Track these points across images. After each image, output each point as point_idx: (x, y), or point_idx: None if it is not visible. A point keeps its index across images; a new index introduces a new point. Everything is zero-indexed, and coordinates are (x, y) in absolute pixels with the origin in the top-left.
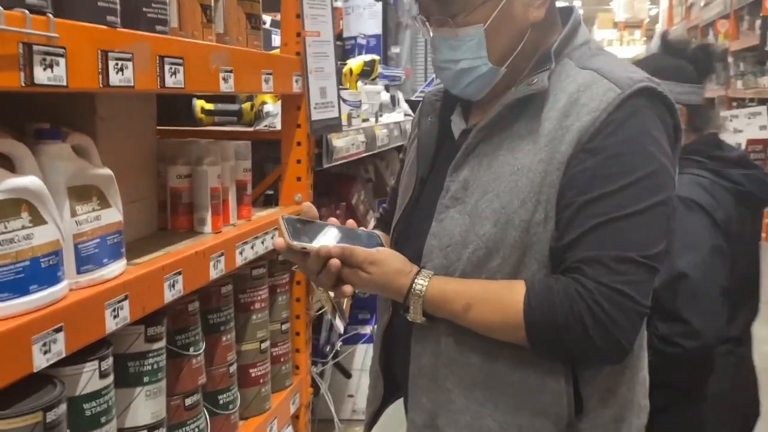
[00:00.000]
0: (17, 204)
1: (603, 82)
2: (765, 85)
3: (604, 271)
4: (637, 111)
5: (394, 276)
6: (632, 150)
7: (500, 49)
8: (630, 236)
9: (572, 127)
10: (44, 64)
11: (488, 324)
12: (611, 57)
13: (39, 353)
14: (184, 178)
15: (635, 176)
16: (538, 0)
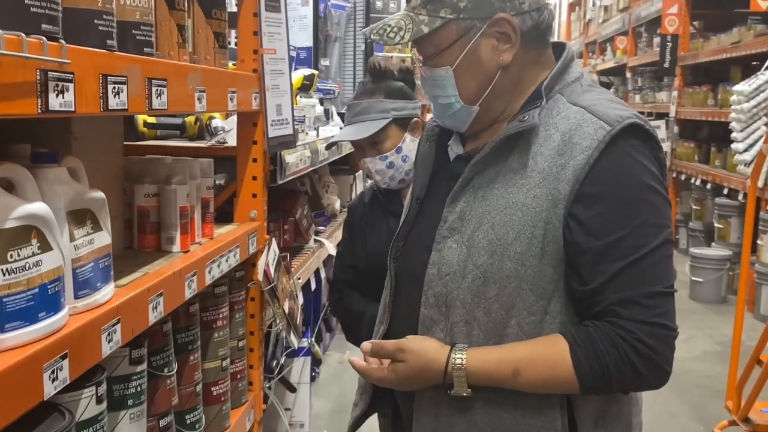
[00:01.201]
0: (28, 231)
1: (593, 120)
2: (662, 99)
3: (639, 309)
4: (630, 150)
5: (430, 355)
6: (637, 192)
7: (470, 89)
8: (652, 273)
9: (567, 166)
10: (56, 90)
11: (540, 386)
12: (601, 93)
13: (48, 381)
14: (152, 197)
15: (644, 216)
16: (505, 45)
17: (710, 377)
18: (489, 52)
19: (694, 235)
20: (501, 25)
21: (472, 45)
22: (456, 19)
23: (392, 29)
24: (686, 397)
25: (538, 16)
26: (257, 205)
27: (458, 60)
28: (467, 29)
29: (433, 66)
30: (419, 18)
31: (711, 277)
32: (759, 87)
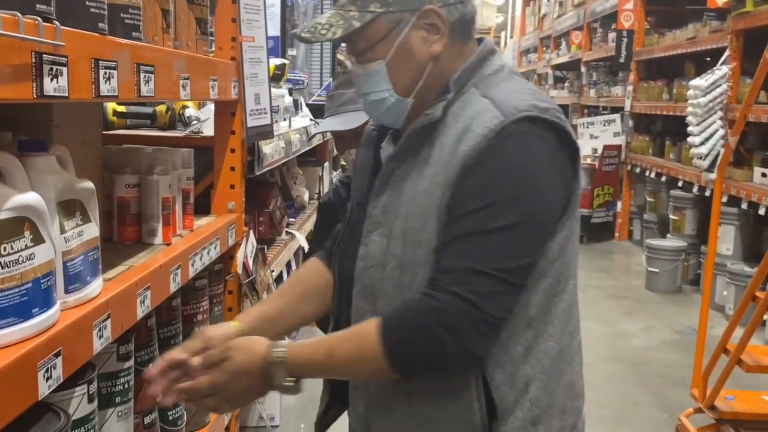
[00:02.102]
0: (21, 223)
1: (492, 110)
2: (617, 94)
3: (456, 281)
4: (515, 135)
5: (254, 348)
6: (505, 170)
7: (403, 82)
8: (485, 251)
9: (460, 152)
10: (51, 75)
11: (352, 363)
12: (515, 85)
13: (43, 380)
14: (133, 187)
15: (503, 194)
16: (434, 36)
17: (671, 366)
18: (420, 44)
19: (648, 227)
20: (430, 17)
21: (403, 37)
22: (386, 13)
23: (323, 26)
24: (648, 385)
25: (463, 8)
26: (235, 197)
27: (390, 53)
28: (397, 22)
29: (366, 61)
30: (349, 14)
31: (667, 267)
32: (715, 82)
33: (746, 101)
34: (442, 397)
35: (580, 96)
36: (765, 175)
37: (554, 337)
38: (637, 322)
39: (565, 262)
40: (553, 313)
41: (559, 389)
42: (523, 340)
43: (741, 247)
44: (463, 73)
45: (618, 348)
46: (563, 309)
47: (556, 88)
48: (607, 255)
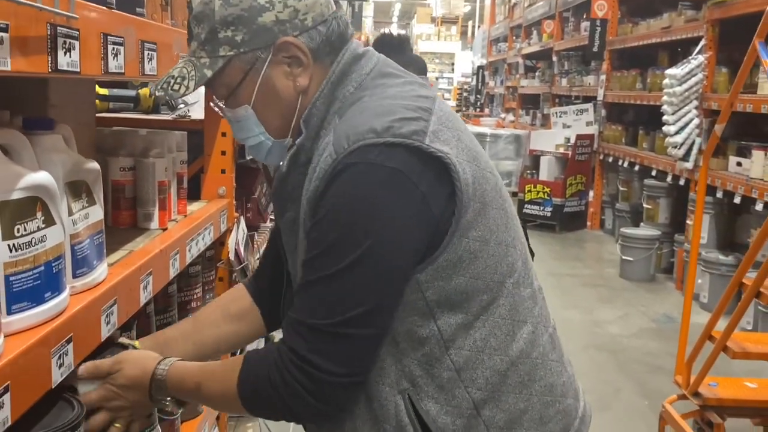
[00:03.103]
0: (34, 203)
1: (329, 147)
2: (590, 83)
3: (295, 334)
4: (346, 171)
5: (145, 362)
6: (333, 213)
7: (275, 123)
8: (318, 302)
9: (307, 197)
10: (64, 48)
11: (215, 401)
12: (371, 101)
13: (56, 367)
14: (128, 170)
15: (331, 239)
16: (298, 68)
17: (649, 353)
18: (283, 80)
19: (620, 216)
20: (287, 50)
21: (263, 77)
22: (237, 55)
23: (176, 80)
24: (628, 373)
25: (326, 29)
26: (226, 182)
27: (254, 96)
28: (252, 62)
29: (232, 107)
30: (201, 62)
31: (641, 256)
32: (691, 71)
33: (734, 88)
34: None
35: (551, 85)
36: (740, 164)
37: (498, 350)
38: (614, 310)
39: (484, 269)
40: (487, 327)
41: (529, 399)
42: (447, 365)
43: (715, 235)
44: (315, 107)
45: (596, 335)
46: (502, 316)
47: (527, 78)
48: (579, 244)
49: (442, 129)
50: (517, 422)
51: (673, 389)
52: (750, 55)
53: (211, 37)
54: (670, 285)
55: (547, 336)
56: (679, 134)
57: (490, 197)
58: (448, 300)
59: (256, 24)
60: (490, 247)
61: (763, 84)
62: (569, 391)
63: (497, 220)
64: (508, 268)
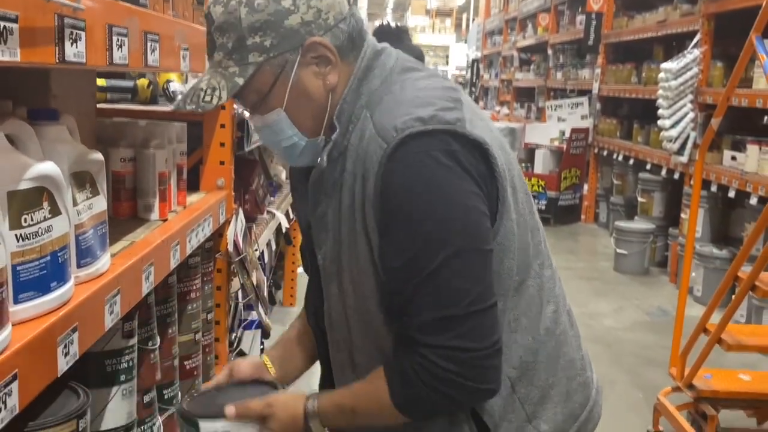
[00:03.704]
0: (40, 193)
1: (376, 140)
2: (585, 77)
3: (434, 334)
4: (405, 162)
5: (294, 403)
6: (410, 212)
7: (308, 123)
8: (440, 295)
9: (366, 197)
10: (71, 39)
11: (374, 419)
12: (402, 93)
13: (62, 356)
14: (128, 161)
15: (421, 236)
16: (326, 66)
17: (643, 346)
18: (313, 80)
19: (615, 209)
20: (315, 50)
21: (294, 79)
22: (267, 60)
23: (206, 92)
24: (623, 365)
25: (347, 27)
26: (225, 173)
27: (285, 99)
28: (282, 66)
29: (263, 112)
30: (229, 71)
31: (635, 249)
32: (686, 65)
33: (730, 83)
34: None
35: (546, 79)
36: (735, 158)
37: (529, 329)
38: (608, 303)
39: (518, 251)
40: (520, 308)
41: (556, 374)
42: None
43: (710, 229)
44: (345, 103)
45: (591, 328)
46: (531, 296)
47: (521, 71)
48: (574, 237)
49: (474, 118)
50: (547, 397)
51: (668, 381)
52: (746, 50)
53: (239, 45)
54: (664, 278)
55: (566, 314)
56: (674, 128)
57: (518, 183)
58: (499, 282)
59: (283, 27)
60: (521, 229)
61: (759, 78)
62: (586, 365)
63: (524, 203)
64: (535, 249)
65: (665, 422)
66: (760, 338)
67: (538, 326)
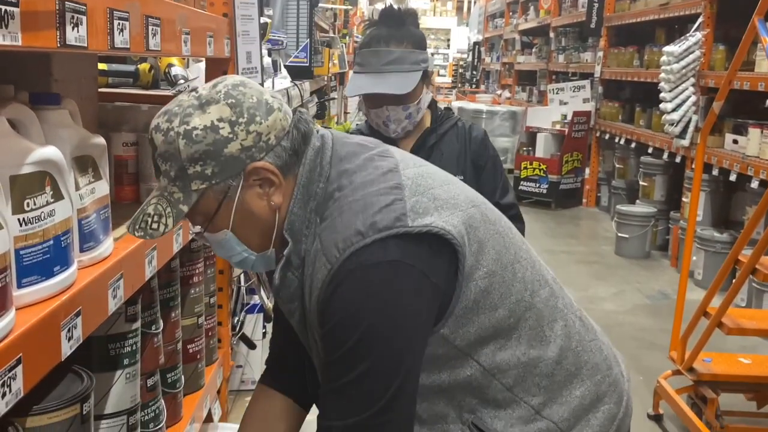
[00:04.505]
0: (42, 177)
1: (321, 258)
2: (587, 60)
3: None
4: (344, 279)
5: None
6: (344, 320)
7: (256, 240)
8: (350, 401)
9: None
10: (72, 23)
11: None
12: (339, 201)
13: (65, 340)
14: (131, 146)
15: (348, 344)
16: (270, 188)
17: (643, 330)
18: (258, 201)
19: (616, 193)
20: (258, 173)
21: (238, 202)
22: (210, 187)
23: (153, 219)
24: (622, 348)
25: (289, 143)
26: None
27: (231, 220)
28: (225, 191)
29: (211, 232)
30: (174, 197)
31: (636, 233)
32: (688, 48)
33: (733, 66)
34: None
35: (548, 62)
36: (736, 142)
37: (540, 357)
38: (609, 287)
39: (500, 298)
40: (524, 342)
41: (582, 384)
42: (498, 388)
43: (711, 213)
44: (293, 214)
45: (591, 312)
46: (532, 327)
47: (523, 54)
48: (575, 221)
49: (417, 199)
50: (578, 408)
51: (668, 365)
52: (749, 33)
53: (181, 174)
54: (665, 262)
55: (578, 322)
56: (676, 112)
57: (483, 231)
58: (478, 339)
59: (223, 156)
60: (498, 275)
61: (761, 62)
62: (612, 361)
63: (495, 247)
64: (521, 284)
65: (665, 405)
66: (761, 322)
67: (547, 350)
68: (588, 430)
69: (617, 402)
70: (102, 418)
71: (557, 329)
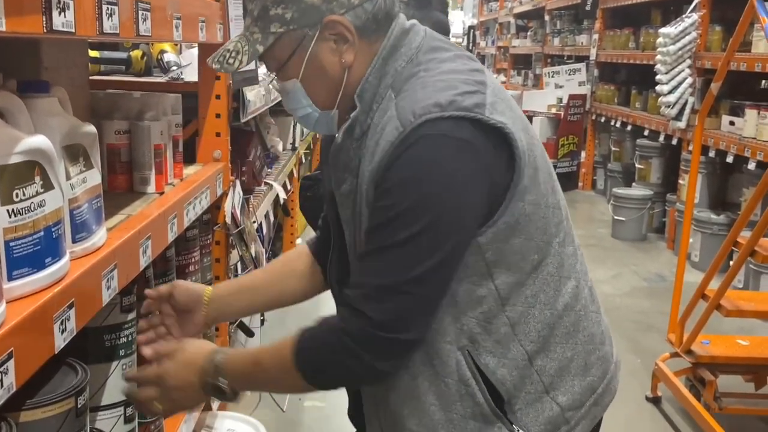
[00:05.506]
0: (32, 167)
1: (394, 121)
2: (582, 42)
3: (362, 297)
4: (415, 143)
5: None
6: (403, 183)
7: (322, 96)
8: (389, 264)
9: (373, 169)
10: (59, 8)
11: (274, 377)
12: (427, 76)
13: (58, 333)
14: (123, 134)
15: (402, 207)
16: (343, 45)
17: (641, 312)
18: (329, 56)
19: (612, 176)
20: (334, 27)
21: (311, 53)
22: (287, 32)
23: (230, 54)
24: (620, 331)
25: (372, 7)
26: (221, 145)
27: (302, 70)
28: (301, 39)
29: (282, 80)
30: (254, 37)
31: (633, 216)
32: (684, 30)
33: (730, 47)
34: (444, 399)
35: (543, 45)
36: (733, 123)
37: (547, 304)
38: (606, 270)
39: (536, 231)
40: (537, 284)
41: (575, 348)
42: (503, 321)
43: (707, 195)
44: (368, 83)
45: None
46: (550, 273)
47: (518, 38)
48: (571, 204)
49: (497, 101)
50: (565, 369)
51: (665, 347)
52: (747, 13)
53: (264, 14)
54: (662, 244)
55: (587, 289)
56: (672, 93)
57: (540, 163)
58: (505, 260)
59: (304, 3)
60: (542, 209)
61: (758, 42)
62: (606, 339)
63: (546, 183)
64: (556, 228)
65: (664, 388)
66: (759, 304)
67: (556, 302)
68: (568, 394)
69: (600, 377)
70: (98, 410)
71: (569, 286)
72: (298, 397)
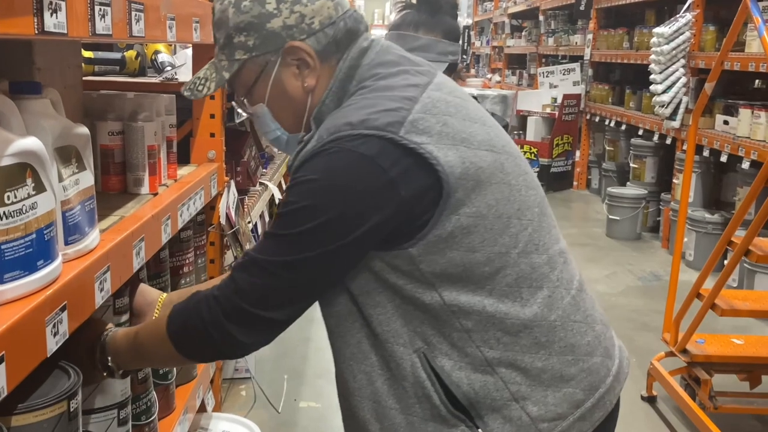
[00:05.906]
0: (23, 169)
1: (315, 138)
2: (576, 42)
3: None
4: (319, 153)
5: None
6: (297, 184)
7: (289, 120)
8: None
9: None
10: (51, 9)
11: (151, 346)
12: (358, 99)
13: (50, 336)
14: (116, 135)
15: (292, 206)
16: (305, 70)
17: (635, 311)
18: (292, 81)
19: (607, 175)
20: (295, 53)
21: (275, 78)
22: (251, 58)
23: (200, 81)
24: (616, 330)
25: (333, 31)
26: (215, 145)
27: (267, 95)
28: (264, 65)
29: (250, 105)
30: (221, 64)
31: (627, 215)
32: (678, 29)
33: (724, 47)
34: (403, 401)
35: (538, 45)
36: (727, 123)
37: (509, 314)
38: (601, 269)
39: (481, 244)
40: (495, 295)
41: (547, 359)
42: (456, 327)
43: (702, 194)
44: (324, 105)
45: None
46: (509, 284)
47: (513, 38)
48: (566, 204)
49: (424, 117)
50: (536, 379)
51: (660, 346)
52: (741, 13)
53: (228, 42)
54: (656, 243)
55: (569, 298)
56: (667, 93)
57: (487, 174)
58: (445, 273)
59: (265, 30)
60: (488, 221)
61: (751, 42)
62: (596, 350)
63: (497, 194)
64: (513, 239)
65: (659, 387)
66: (754, 303)
67: (519, 312)
68: (540, 404)
69: (586, 390)
70: (92, 413)
71: (539, 296)
72: (293, 398)
